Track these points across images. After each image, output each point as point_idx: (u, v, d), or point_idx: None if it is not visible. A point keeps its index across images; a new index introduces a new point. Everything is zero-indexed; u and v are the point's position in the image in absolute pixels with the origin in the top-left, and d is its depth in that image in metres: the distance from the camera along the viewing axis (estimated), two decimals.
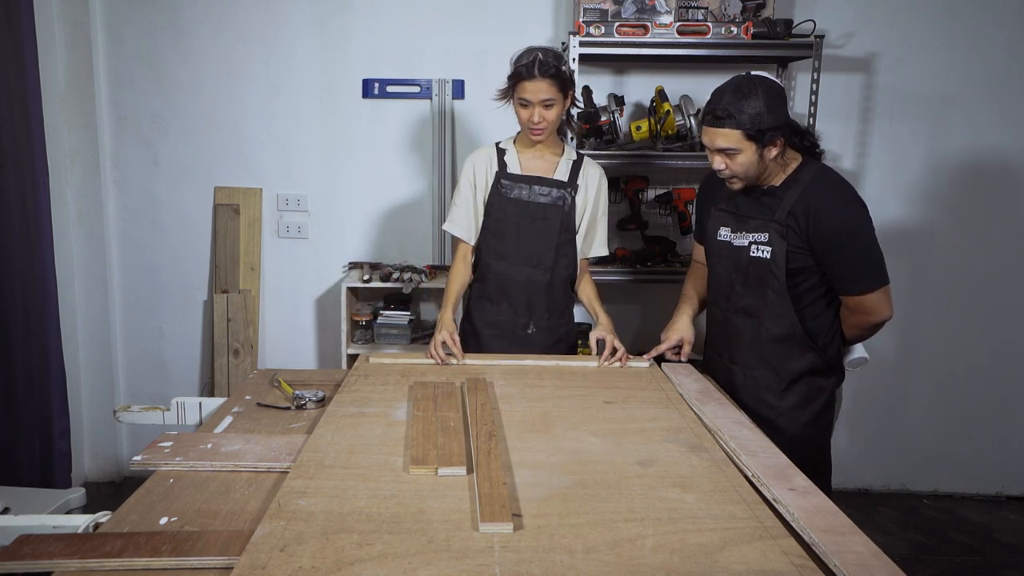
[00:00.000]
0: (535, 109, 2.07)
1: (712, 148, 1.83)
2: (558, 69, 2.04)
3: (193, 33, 3.14)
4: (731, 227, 1.96)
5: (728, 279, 1.97)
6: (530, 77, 2.03)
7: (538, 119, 2.08)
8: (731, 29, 2.73)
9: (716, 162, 1.85)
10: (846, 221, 1.79)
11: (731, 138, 1.78)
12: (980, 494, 3.41)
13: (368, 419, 1.58)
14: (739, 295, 1.95)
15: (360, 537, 1.08)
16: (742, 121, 1.76)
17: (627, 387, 1.86)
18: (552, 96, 2.05)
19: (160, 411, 1.85)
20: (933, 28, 3.11)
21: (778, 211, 1.85)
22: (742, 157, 1.80)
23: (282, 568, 0.99)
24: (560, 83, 2.05)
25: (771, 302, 1.88)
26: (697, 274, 2.19)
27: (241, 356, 3.25)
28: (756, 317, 1.92)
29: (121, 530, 1.14)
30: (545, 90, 2.04)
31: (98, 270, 3.23)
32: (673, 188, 3.12)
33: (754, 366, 1.94)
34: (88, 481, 3.31)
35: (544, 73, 2.02)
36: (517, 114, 2.12)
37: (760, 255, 1.88)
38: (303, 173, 3.24)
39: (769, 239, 1.86)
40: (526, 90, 2.05)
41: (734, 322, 1.97)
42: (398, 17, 3.12)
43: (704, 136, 1.84)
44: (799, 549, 1.09)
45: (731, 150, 1.79)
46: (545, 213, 2.19)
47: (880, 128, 3.17)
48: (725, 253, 1.97)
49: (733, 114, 1.76)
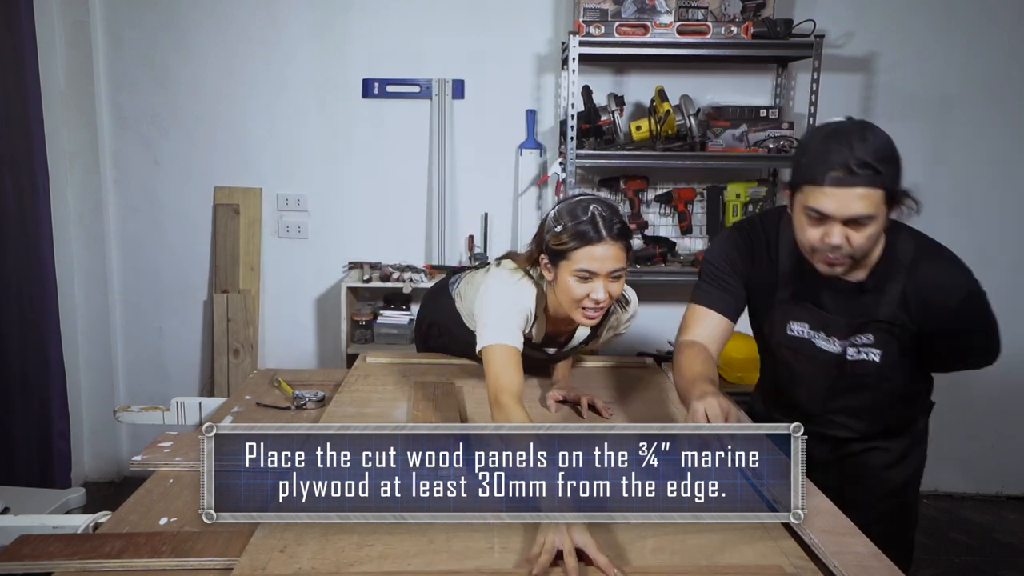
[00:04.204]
0: (600, 283, 1.50)
1: (839, 216, 1.31)
2: (624, 226, 1.53)
3: (193, 33, 3.13)
4: (809, 324, 1.52)
5: (812, 378, 1.57)
6: (598, 240, 1.48)
7: (603, 297, 1.51)
8: (731, 29, 2.73)
9: (835, 236, 1.32)
10: (972, 313, 1.45)
11: (872, 201, 1.30)
12: (980, 494, 3.40)
13: (368, 419, 1.58)
14: (836, 397, 1.58)
15: (360, 538, 1.08)
16: (886, 177, 1.31)
17: (628, 387, 1.86)
18: (623, 265, 1.52)
19: (160, 411, 1.85)
20: (933, 28, 3.10)
21: (882, 306, 1.45)
22: (872, 228, 1.33)
23: (282, 568, 1.00)
24: (629, 247, 1.54)
25: (879, 401, 1.57)
26: (698, 358, 1.47)
27: (241, 356, 3.25)
28: (861, 419, 1.60)
29: (121, 530, 1.14)
30: (616, 258, 1.50)
31: (98, 270, 3.23)
32: (673, 188, 3.13)
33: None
34: (88, 481, 3.30)
35: (616, 236, 1.50)
36: (566, 289, 1.52)
37: (864, 358, 1.49)
38: (303, 173, 3.24)
39: (876, 340, 1.48)
40: (594, 258, 1.48)
41: (833, 420, 1.61)
42: (398, 17, 3.12)
43: (821, 199, 1.31)
44: (799, 550, 1.09)
45: (865, 218, 1.31)
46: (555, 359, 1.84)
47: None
48: (806, 351, 1.54)
49: (874, 165, 1.30)
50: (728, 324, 1.56)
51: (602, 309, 1.54)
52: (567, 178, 2.84)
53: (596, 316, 1.55)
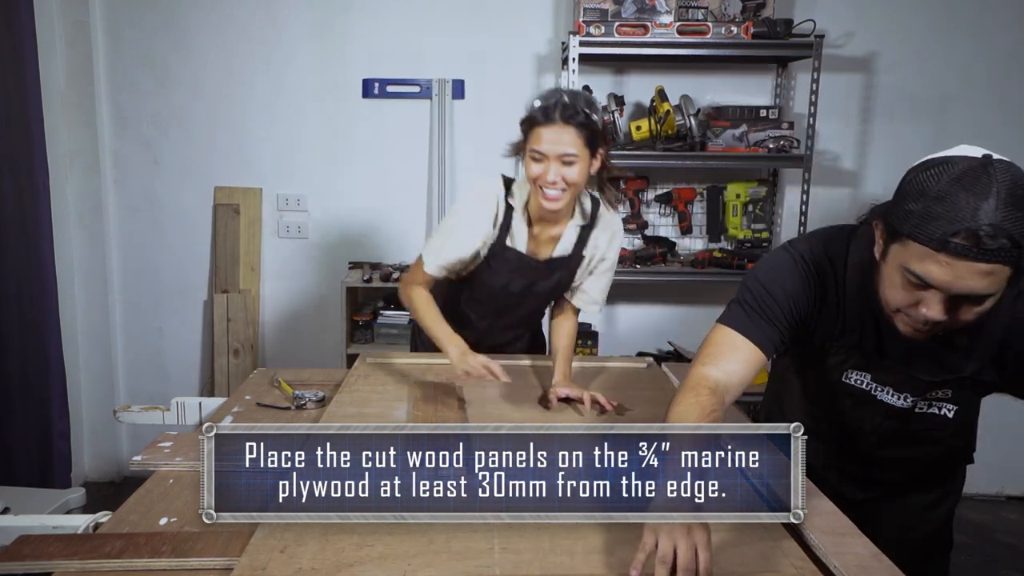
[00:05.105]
0: (549, 165, 1.58)
1: (952, 290, 1.04)
2: (588, 116, 1.56)
3: (193, 33, 3.14)
4: (872, 375, 1.30)
5: (865, 425, 1.36)
6: (548, 122, 1.56)
7: (555, 179, 1.57)
8: (731, 29, 2.74)
9: (935, 310, 1.06)
10: None
11: (999, 279, 1.02)
12: (980, 494, 3.40)
13: (368, 419, 1.58)
14: (892, 447, 1.37)
15: (360, 538, 1.08)
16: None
17: (628, 387, 1.86)
18: (575, 151, 1.56)
19: (160, 411, 1.85)
20: (933, 28, 3.10)
21: (971, 362, 1.22)
22: (988, 304, 1.07)
23: (282, 569, 1.00)
24: (587, 135, 1.57)
25: (940, 454, 1.40)
26: (700, 407, 1.20)
27: (241, 356, 3.25)
28: (914, 469, 1.42)
29: (121, 530, 1.14)
30: (567, 142, 1.55)
31: (98, 270, 3.23)
32: (673, 188, 3.13)
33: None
34: (88, 481, 3.30)
35: (568, 119, 1.55)
36: (527, 171, 1.63)
37: (936, 412, 1.30)
38: (303, 173, 3.24)
39: (954, 396, 1.28)
40: (541, 139, 1.57)
41: (883, 465, 1.43)
42: (398, 17, 3.12)
43: (931, 268, 1.03)
44: (799, 550, 1.09)
45: (982, 298, 1.05)
46: (535, 290, 1.84)
47: (880, 128, 3.17)
48: (858, 397, 1.33)
49: (1016, 237, 0.98)
50: (763, 363, 1.29)
51: (558, 194, 1.59)
52: None
53: (554, 199, 1.60)
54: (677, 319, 3.29)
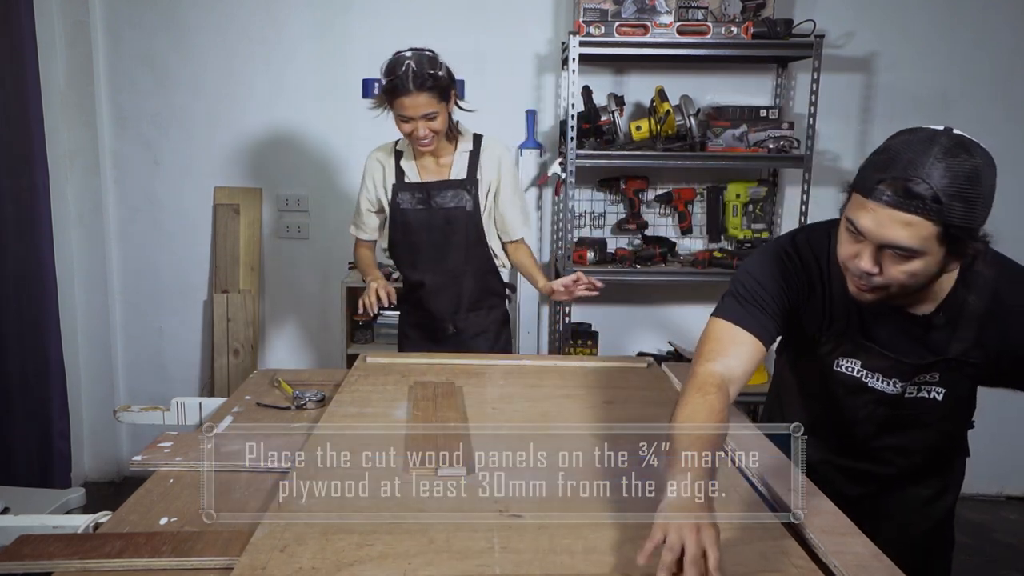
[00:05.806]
0: (417, 124, 1.95)
1: (872, 238, 1.11)
2: (435, 78, 1.92)
3: (193, 33, 3.14)
4: (862, 361, 1.34)
5: (858, 414, 1.40)
6: (406, 92, 1.90)
7: (424, 133, 1.96)
8: (731, 29, 2.73)
9: (865, 259, 1.13)
10: None
11: (919, 234, 1.08)
12: (980, 494, 3.40)
13: (368, 419, 1.58)
14: (885, 435, 1.41)
15: (360, 538, 1.08)
16: (948, 213, 1.07)
17: (628, 387, 1.86)
18: (434, 108, 1.93)
19: (160, 411, 1.85)
20: (933, 27, 3.10)
21: (954, 343, 1.27)
22: (916, 265, 1.12)
23: (282, 568, 1.00)
24: (440, 92, 1.93)
25: (932, 439, 1.41)
26: (708, 406, 1.18)
27: (241, 356, 3.25)
28: (909, 456, 1.44)
29: (121, 530, 1.14)
30: (425, 104, 1.92)
31: (98, 270, 3.23)
32: (673, 188, 3.13)
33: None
34: (88, 481, 3.30)
35: (421, 87, 1.90)
36: (399, 127, 2.00)
37: (925, 396, 1.34)
38: (303, 173, 3.24)
39: (942, 379, 1.31)
40: (404, 106, 1.92)
41: (878, 457, 1.45)
42: (398, 17, 3.11)
43: (861, 213, 1.12)
44: (799, 550, 1.09)
45: (906, 251, 1.10)
46: (448, 218, 2.12)
47: (880, 128, 3.17)
48: (855, 389, 1.37)
49: (938, 195, 1.06)
50: (763, 352, 1.31)
51: (429, 141, 1.97)
52: (567, 178, 2.84)
53: (427, 145, 1.99)
54: (677, 319, 3.29)
